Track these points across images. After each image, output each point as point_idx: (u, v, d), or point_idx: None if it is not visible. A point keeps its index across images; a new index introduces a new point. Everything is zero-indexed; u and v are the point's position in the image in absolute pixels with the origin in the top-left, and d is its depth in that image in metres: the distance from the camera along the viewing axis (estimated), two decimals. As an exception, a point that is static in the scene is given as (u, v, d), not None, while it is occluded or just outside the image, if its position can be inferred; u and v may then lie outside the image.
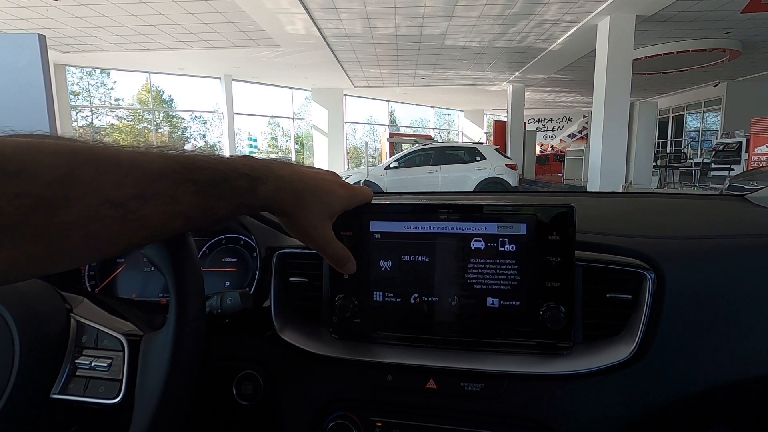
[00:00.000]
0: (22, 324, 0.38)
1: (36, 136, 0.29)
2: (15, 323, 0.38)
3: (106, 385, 0.39)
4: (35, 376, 0.38)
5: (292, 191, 0.39)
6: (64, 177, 0.24)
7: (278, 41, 8.88)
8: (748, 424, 0.55)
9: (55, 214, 0.23)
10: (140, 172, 0.28)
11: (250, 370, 0.59)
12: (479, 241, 0.54)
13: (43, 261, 0.24)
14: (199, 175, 0.31)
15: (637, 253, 0.55)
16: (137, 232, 0.28)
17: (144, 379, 0.38)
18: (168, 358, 0.36)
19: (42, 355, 0.39)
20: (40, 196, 0.23)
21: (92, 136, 14.10)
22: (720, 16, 7.48)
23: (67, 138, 0.29)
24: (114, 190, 0.26)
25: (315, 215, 0.41)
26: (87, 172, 0.25)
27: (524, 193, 2.23)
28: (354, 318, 0.57)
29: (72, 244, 0.25)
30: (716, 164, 10.76)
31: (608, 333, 0.54)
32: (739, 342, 0.50)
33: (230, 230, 0.73)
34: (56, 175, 0.23)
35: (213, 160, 0.33)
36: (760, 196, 0.81)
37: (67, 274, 0.72)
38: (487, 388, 0.51)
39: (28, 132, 0.30)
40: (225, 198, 0.33)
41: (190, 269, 0.39)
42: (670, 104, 16.35)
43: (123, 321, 0.45)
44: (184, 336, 0.37)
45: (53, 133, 0.33)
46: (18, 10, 7.11)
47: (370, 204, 0.56)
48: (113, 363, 0.40)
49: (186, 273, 0.38)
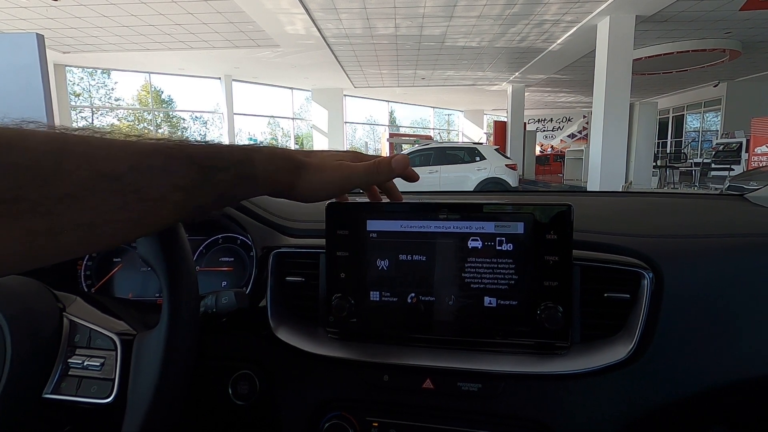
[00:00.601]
0: (14, 323, 0.38)
1: (29, 123, 0.29)
2: (7, 323, 0.38)
3: (99, 384, 0.39)
4: (27, 376, 0.38)
5: (289, 158, 0.38)
6: (55, 151, 0.24)
7: (278, 41, 8.88)
8: (747, 424, 0.55)
9: (48, 186, 0.23)
10: (132, 148, 0.28)
11: (246, 370, 0.58)
12: (476, 240, 0.53)
13: (47, 240, 0.24)
14: (192, 150, 0.31)
15: (636, 252, 0.55)
16: (137, 208, 0.27)
17: (136, 378, 0.38)
18: (161, 357, 0.36)
19: (34, 355, 0.39)
20: (31, 167, 0.23)
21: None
22: (720, 16, 7.47)
23: (59, 126, 0.29)
24: (107, 164, 0.26)
25: (322, 164, 0.39)
26: (78, 147, 0.25)
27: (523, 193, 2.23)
28: (350, 318, 0.56)
29: (72, 218, 0.24)
30: (716, 164, 10.75)
31: (606, 333, 0.54)
32: (738, 342, 0.50)
33: (227, 229, 0.73)
34: (47, 149, 0.24)
35: (205, 142, 0.33)
36: (760, 196, 0.81)
37: (64, 274, 0.72)
38: (484, 388, 0.51)
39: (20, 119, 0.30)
40: (222, 169, 0.32)
41: (183, 268, 0.38)
42: (670, 104, 16.34)
43: (116, 320, 0.44)
44: (177, 335, 0.37)
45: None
46: (18, 10, 7.11)
47: (368, 203, 0.56)
48: (106, 362, 0.39)
49: (179, 272, 0.38)
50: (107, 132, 0.29)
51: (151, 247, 0.38)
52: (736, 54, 9.44)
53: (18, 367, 0.37)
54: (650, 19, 7.46)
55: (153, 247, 0.38)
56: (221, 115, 12.98)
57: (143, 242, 0.39)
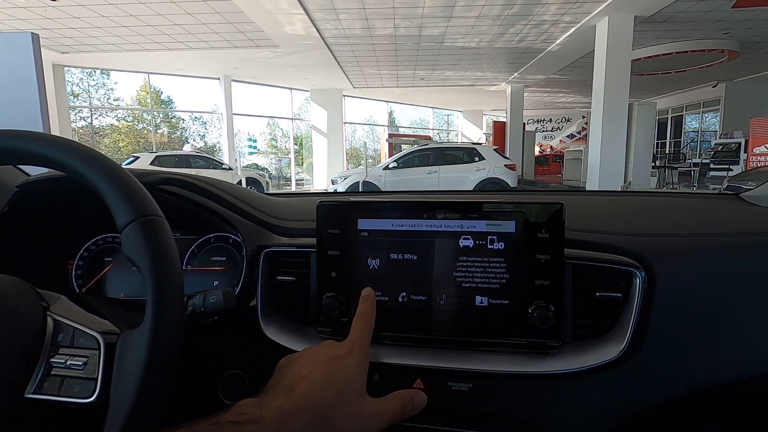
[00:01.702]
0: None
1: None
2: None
3: (81, 384, 0.38)
4: (9, 376, 0.38)
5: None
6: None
7: (277, 42, 8.88)
8: (739, 424, 0.54)
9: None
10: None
11: (236, 370, 0.58)
12: (468, 239, 0.53)
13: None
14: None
15: (628, 251, 0.54)
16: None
17: (119, 377, 0.38)
18: (144, 356, 0.35)
19: (17, 354, 0.38)
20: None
21: (91, 136, 14.08)
22: (718, 17, 7.48)
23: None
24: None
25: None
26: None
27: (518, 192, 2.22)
28: (341, 317, 0.56)
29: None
30: (715, 165, 10.77)
31: (598, 332, 0.53)
32: (730, 341, 0.50)
33: (219, 229, 0.72)
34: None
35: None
36: (755, 195, 0.80)
37: (54, 274, 0.71)
38: (475, 387, 0.51)
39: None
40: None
41: (167, 265, 0.38)
42: (669, 105, 16.36)
43: (101, 319, 0.44)
44: (161, 333, 0.36)
45: (46, 132, 0.32)
46: (16, 10, 7.11)
47: (359, 201, 0.56)
48: (89, 361, 0.39)
49: (163, 269, 0.37)
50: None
51: (135, 244, 0.38)
52: (735, 54, 9.45)
53: (0, 366, 0.37)
54: (649, 20, 7.47)
55: (137, 244, 0.38)
56: (220, 116, 12.97)
57: (127, 240, 0.38)
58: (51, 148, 0.39)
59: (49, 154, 0.40)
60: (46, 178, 0.61)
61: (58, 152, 0.39)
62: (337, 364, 0.41)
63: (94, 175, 0.39)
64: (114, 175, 0.40)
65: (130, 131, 15.51)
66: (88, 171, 0.39)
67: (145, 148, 14.30)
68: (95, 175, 0.39)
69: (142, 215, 0.39)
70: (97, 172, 0.39)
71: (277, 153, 17.95)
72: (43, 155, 0.40)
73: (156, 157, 9.90)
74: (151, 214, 0.40)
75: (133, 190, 0.40)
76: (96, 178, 0.39)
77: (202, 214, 0.67)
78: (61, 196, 0.65)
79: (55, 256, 0.72)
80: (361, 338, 0.46)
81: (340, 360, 0.42)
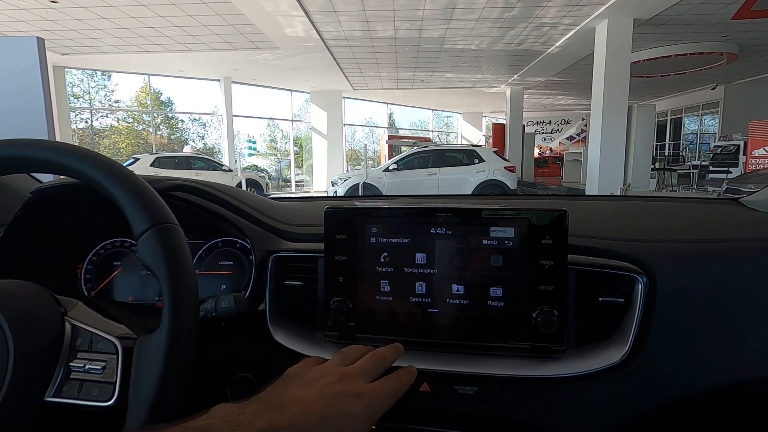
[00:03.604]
0: (16, 327, 0.39)
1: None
2: (9, 327, 0.38)
3: (100, 387, 0.39)
4: (30, 379, 0.38)
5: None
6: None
7: (277, 44, 8.90)
8: (739, 427, 0.55)
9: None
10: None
11: (245, 373, 0.59)
12: (473, 244, 0.54)
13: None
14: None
15: (630, 256, 0.55)
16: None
17: (137, 381, 0.39)
18: (161, 361, 0.36)
19: (36, 359, 0.39)
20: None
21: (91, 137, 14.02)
22: (717, 20, 7.52)
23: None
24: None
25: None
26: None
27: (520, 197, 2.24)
28: (349, 321, 0.57)
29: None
30: (714, 167, 10.80)
31: (601, 336, 0.54)
32: (731, 345, 0.51)
33: (226, 233, 0.73)
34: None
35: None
36: (754, 200, 0.81)
37: (64, 278, 0.72)
38: (480, 391, 0.52)
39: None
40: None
41: (183, 272, 0.39)
42: (668, 107, 16.40)
43: (117, 324, 0.45)
44: (177, 339, 0.37)
45: (51, 136, 0.32)
46: (17, 12, 7.12)
47: (366, 207, 0.57)
48: (107, 366, 0.40)
49: (179, 276, 0.38)
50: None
51: (151, 252, 0.39)
52: (734, 57, 9.49)
53: (21, 370, 0.38)
54: (648, 23, 7.50)
55: (153, 252, 0.39)
56: (220, 117, 12.99)
57: (144, 247, 0.39)
58: (70, 158, 0.41)
59: (68, 164, 0.41)
60: (58, 185, 0.62)
61: (77, 162, 0.41)
62: (344, 402, 0.38)
63: (110, 183, 0.41)
64: (130, 183, 0.41)
65: (130, 132, 15.53)
66: (106, 180, 0.41)
67: (144, 149, 14.32)
68: (112, 183, 0.41)
69: (158, 223, 0.40)
70: (113, 181, 0.41)
71: (276, 154, 17.98)
72: (62, 164, 0.41)
73: (156, 158, 9.91)
74: (166, 221, 0.41)
75: (149, 198, 0.41)
76: (112, 186, 0.41)
77: (210, 219, 0.68)
78: (71, 201, 0.66)
79: (66, 260, 0.73)
80: (382, 393, 0.42)
81: (349, 399, 0.39)
